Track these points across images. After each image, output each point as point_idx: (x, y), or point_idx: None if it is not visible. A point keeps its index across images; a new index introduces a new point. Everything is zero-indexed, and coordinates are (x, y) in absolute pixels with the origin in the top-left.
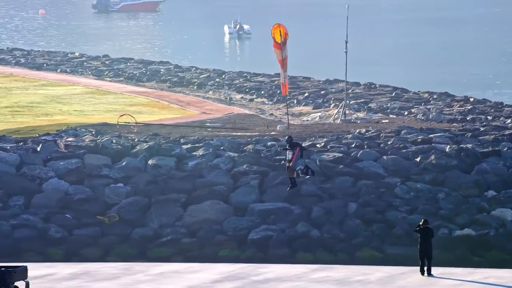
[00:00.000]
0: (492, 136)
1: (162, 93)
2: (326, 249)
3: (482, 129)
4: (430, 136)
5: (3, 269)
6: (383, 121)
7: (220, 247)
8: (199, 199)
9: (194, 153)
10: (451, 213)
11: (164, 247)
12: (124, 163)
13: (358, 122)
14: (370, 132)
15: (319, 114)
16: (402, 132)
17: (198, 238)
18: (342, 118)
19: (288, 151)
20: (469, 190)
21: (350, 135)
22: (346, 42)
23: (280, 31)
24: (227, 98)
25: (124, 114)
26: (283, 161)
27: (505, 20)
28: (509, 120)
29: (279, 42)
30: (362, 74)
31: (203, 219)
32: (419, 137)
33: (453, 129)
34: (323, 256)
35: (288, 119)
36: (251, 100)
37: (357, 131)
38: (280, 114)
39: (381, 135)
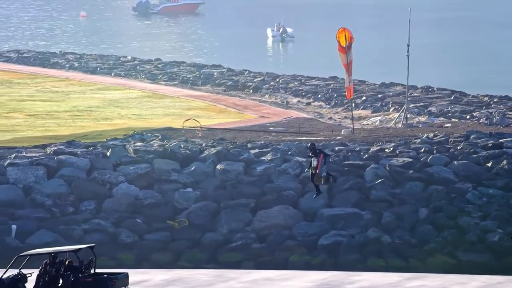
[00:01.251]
0: None
1: (218, 97)
2: (397, 255)
3: None
4: (500, 140)
5: (105, 275)
6: (446, 125)
7: (290, 252)
8: (268, 204)
9: (262, 158)
10: None
11: (235, 252)
12: (192, 168)
13: (420, 126)
14: (438, 137)
15: (379, 118)
16: (471, 136)
17: (267, 243)
18: (403, 122)
19: (312, 158)
20: None
21: (418, 140)
22: (408, 46)
23: (345, 35)
24: (284, 102)
25: (189, 119)
26: (307, 169)
27: None
28: None
29: (344, 46)
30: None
31: (273, 224)
32: (490, 142)
33: None
34: (395, 262)
35: (352, 124)
36: (308, 103)
37: (425, 135)
38: (339, 118)
39: (449, 139)
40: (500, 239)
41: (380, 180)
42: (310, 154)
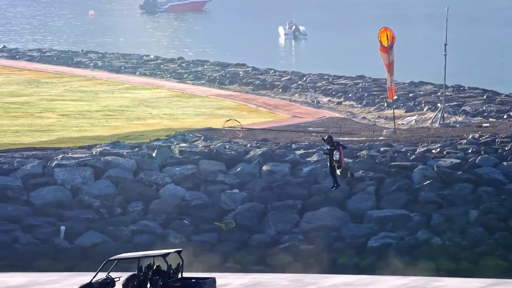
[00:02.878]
0: None
1: (248, 96)
2: (448, 257)
3: None
4: None
5: (193, 280)
6: (484, 125)
7: (339, 254)
8: (315, 206)
9: (308, 159)
10: None
11: (283, 254)
12: (238, 169)
13: (457, 126)
14: (484, 137)
15: (414, 117)
16: None
17: (316, 245)
18: (440, 122)
19: (334, 151)
20: None
21: (465, 140)
22: (445, 45)
23: (387, 35)
24: (314, 101)
25: (230, 119)
26: (327, 158)
27: None
28: None
29: (386, 45)
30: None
31: (320, 225)
32: None
33: None
34: (446, 264)
35: (394, 124)
36: (339, 103)
37: (471, 136)
38: (372, 118)
39: (496, 140)
40: None
41: (428, 182)
42: (329, 147)
